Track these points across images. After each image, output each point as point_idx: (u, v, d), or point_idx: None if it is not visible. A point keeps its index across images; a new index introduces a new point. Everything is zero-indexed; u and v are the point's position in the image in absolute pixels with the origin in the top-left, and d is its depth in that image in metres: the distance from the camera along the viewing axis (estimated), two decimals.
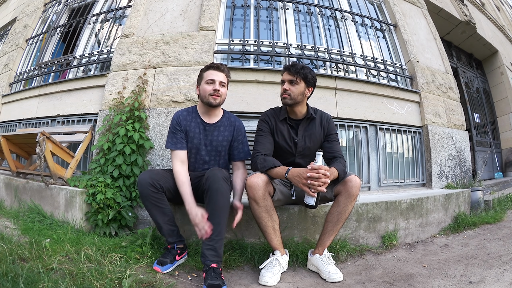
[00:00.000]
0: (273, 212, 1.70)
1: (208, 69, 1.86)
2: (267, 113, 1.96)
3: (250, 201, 1.68)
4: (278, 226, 1.72)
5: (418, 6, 4.29)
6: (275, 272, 1.63)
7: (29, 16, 4.54)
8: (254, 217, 1.72)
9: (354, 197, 1.69)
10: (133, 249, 1.80)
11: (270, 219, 1.69)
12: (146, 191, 1.67)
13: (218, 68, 1.85)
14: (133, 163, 2.35)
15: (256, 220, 1.72)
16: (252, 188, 1.64)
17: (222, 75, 1.85)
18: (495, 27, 6.51)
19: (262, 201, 1.66)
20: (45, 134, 2.28)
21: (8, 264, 1.39)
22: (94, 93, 3.04)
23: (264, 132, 1.88)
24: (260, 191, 1.64)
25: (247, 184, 1.66)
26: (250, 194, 1.66)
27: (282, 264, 1.69)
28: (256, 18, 3.26)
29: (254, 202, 1.66)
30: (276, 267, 1.64)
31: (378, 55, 3.50)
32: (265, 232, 1.71)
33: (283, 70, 1.89)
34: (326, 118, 1.93)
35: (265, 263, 1.67)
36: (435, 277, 1.66)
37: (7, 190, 2.82)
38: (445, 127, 3.51)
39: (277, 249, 1.71)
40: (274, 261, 1.66)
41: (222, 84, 1.84)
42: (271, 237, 1.70)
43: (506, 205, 3.32)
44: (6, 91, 4.06)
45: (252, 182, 1.65)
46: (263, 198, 1.66)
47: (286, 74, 1.85)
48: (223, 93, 1.85)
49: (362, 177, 3.05)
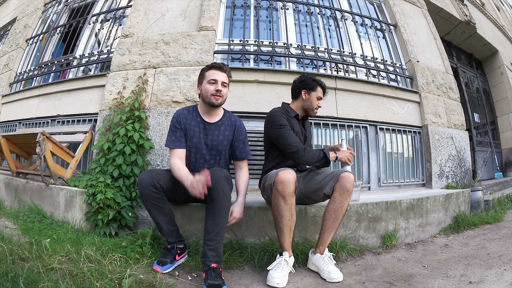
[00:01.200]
0: (295, 211, 1.68)
1: (210, 69, 1.86)
2: (280, 109, 2.02)
3: (277, 198, 1.64)
4: (294, 227, 1.70)
5: (418, 6, 4.29)
6: (284, 273, 1.60)
7: (29, 16, 4.54)
8: (276, 215, 1.67)
9: (349, 193, 1.71)
10: (133, 249, 1.80)
11: (291, 218, 1.66)
12: (146, 191, 1.67)
13: (220, 68, 1.85)
14: (133, 163, 2.35)
15: (275, 218, 1.68)
16: (284, 184, 1.60)
17: (224, 75, 1.85)
18: (495, 27, 6.51)
19: (290, 198, 1.63)
20: (45, 134, 2.28)
21: (8, 264, 1.39)
22: (94, 93, 3.04)
23: (287, 126, 1.93)
24: (292, 187, 1.62)
25: (278, 179, 1.62)
26: (280, 189, 1.62)
27: (290, 265, 1.66)
28: (256, 18, 3.25)
29: (282, 198, 1.63)
30: (285, 268, 1.62)
31: (378, 55, 3.49)
32: (281, 231, 1.67)
33: (321, 88, 2.09)
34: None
35: (273, 264, 1.64)
36: (435, 277, 1.66)
37: (7, 190, 2.82)
38: (445, 127, 3.51)
39: (286, 250, 1.67)
40: (283, 262, 1.63)
41: (224, 85, 1.84)
42: (285, 237, 1.67)
43: (506, 205, 3.32)
44: (6, 91, 4.06)
45: (285, 177, 1.61)
46: (292, 194, 1.64)
47: (322, 93, 2.10)
48: (224, 93, 1.85)
49: (362, 177, 3.05)
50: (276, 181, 1.63)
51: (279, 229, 1.68)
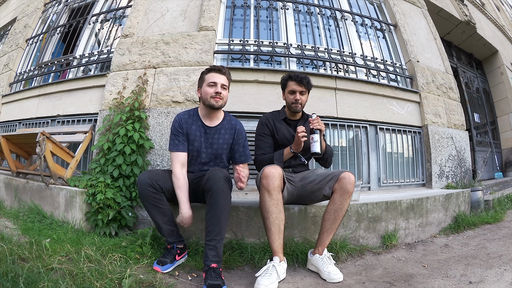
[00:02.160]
0: (282, 209, 1.65)
1: (209, 72, 1.88)
2: (266, 116, 2.10)
3: (263, 193, 1.63)
4: (284, 227, 1.65)
5: (418, 6, 4.29)
6: (272, 279, 1.51)
7: (29, 16, 4.54)
8: (262, 211, 1.65)
9: (349, 194, 1.70)
10: (133, 249, 1.81)
11: (278, 215, 1.62)
12: (145, 191, 1.67)
13: (219, 71, 1.86)
14: (133, 163, 2.35)
15: (263, 215, 1.65)
16: (268, 178, 1.60)
17: (223, 77, 1.86)
18: (495, 27, 6.51)
19: (275, 193, 1.62)
20: (45, 134, 2.28)
21: (8, 264, 1.39)
22: (94, 93, 3.04)
23: (263, 136, 2.01)
24: (277, 181, 1.61)
25: (263, 173, 1.63)
26: (264, 183, 1.61)
27: (279, 272, 1.57)
28: (256, 18, 3.26)
29: (267, 193, 1.61)
30: (273, 275, 1.54)
31: (378, 55, 3.49)
32: (269, 230, 1.62)
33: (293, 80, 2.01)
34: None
35: (261, 270, 1.56)
36: (435, 277, 1.66)
37: (7, 190, 2.82)
38: (445, 127, 3.51)
39: (276, 255, 1.62)
40: (271, 268, 1.56)
41: (223, 87, 1.85)
42: (274, 237, 1.62)
43: (506, 205, 3.32)
44: (6, 91, 4.06)
45: (269, 171, 1.62)
46: (278, 190, 1.63)
47: (296, 85, 1.99)
48: (224, 95, 1.86)
49: (362, 177, 3.05)
50: (261, 176, 1.65)
51: (267, 228, 1.65)
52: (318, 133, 1.81)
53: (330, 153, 2.02)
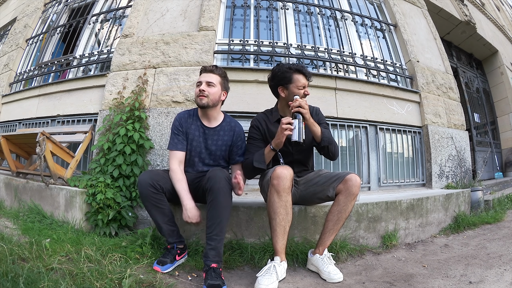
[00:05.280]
0: (290, 211, 1.61)
1: (200, 73, 1.92)
2: (258, 118, 1.95)
3: (272, 193, 1.60)
4: (289, 228, 1.63)
5: (418, 6, 4.29)
6: (272, 279, 1.52)
7: (29, 16, 4.54)
8: (269, 211, 1.62)
9: (354, 196, 1.68)
10: (133, 249, 1.80)
11: (285, 217, 1.59)
12: (146, 191, 1.67)
13: (208, 70, 1.88)
14: (133, 163, 2.35)
15: (269, 215, 1.63)
16: (280, 179, 1.56)
17: (210, 75, 1.86)
18: (495, 27, 6.51)
19: (285, 195, 1.58)
20: (45, 134, 2.28)
21: (8, 264, 1.39)
22: (94, 93, 3.04)
23: (253, 140, 1.89)
24: (287, 183, 1.58)
25: (274, 173, 1.59)
26: (275, 184, 1.57)
27: (279, 272, 1.57)
28: (256, 18, 3.26)
29: (276, 194, 1.58)
30: (273, 275, 1.54)
31: (378, 55, 3.49)
32: (275, 230, 1.60)
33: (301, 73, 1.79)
34: (316, 111, 1.96)
35: (262, 270, 1.57)
36: (435, 277, 1.66)
37: (7, 190, 2.82)
38: (445, 127, 3.51)
39: (278, 255, 1.61)
40: (272, 268, 1.56)
41: (209, 84, 1.84)
42: (278, 238, 1.60)
43: (506, 205, 3.32)
44: (6, 91, 4.06)
45: (281, 172, 1.57)
46: (288, 191, 1.59)
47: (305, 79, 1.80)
48: (210, 92, 1.82)
49: (362, 177, 3.05)
50: (272, 176, 1.60)
51: (272, 228, 1.62)
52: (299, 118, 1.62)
53: (329, 140, 1.78)
